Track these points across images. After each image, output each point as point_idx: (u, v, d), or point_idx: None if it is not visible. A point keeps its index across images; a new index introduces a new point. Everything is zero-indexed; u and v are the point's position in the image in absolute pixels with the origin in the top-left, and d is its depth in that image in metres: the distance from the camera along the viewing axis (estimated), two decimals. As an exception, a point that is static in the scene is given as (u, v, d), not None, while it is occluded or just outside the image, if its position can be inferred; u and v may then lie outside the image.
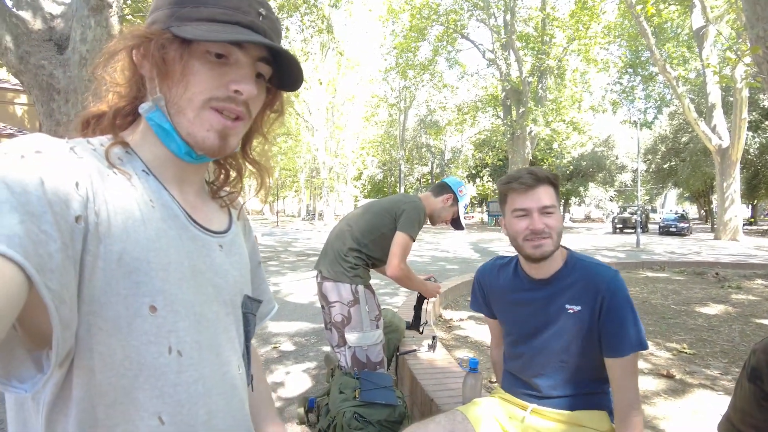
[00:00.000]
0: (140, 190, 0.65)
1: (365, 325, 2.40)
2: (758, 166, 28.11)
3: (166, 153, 0.71)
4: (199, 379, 0.67)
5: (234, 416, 0.74)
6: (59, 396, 0.58)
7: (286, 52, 0.69)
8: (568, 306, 1.56)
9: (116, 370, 0.59)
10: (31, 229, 0.48)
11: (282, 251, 14.73)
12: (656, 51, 18.88)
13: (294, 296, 7.18)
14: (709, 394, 3.12)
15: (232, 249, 0.80)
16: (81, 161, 0.59)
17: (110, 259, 0.58)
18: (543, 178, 1.57)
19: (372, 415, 1.86)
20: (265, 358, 4.24)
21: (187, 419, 0.65)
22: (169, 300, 0.63)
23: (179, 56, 0.66)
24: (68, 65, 4.78)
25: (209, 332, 0.70)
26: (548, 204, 1.55)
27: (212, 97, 0.68)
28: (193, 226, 0.72)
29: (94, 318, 0.57)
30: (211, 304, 0.72)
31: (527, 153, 24.47)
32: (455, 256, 13.99)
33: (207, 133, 0.69)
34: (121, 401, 0.60)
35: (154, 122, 0.69)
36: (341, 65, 37.24)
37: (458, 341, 4.32)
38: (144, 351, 0.61)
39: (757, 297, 6.22)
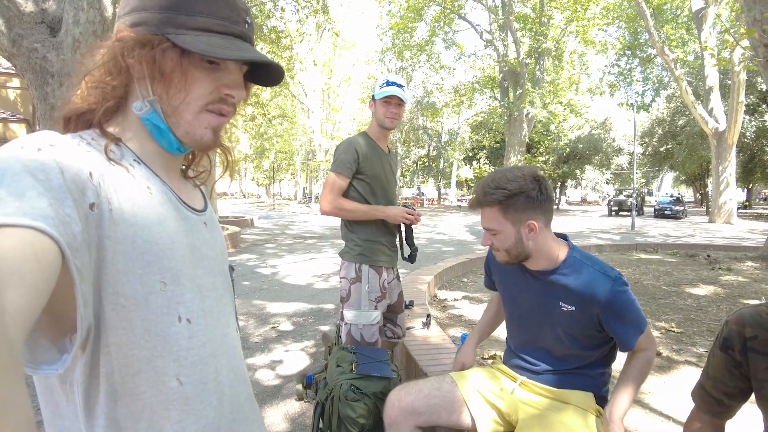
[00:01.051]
0: (138, 179, 0.71)
1: (363, 304, 2.43)
2: (754, 150, 28.17)
3: (155, 147, 0.77)
4: (207, 342, 0.75)
5: (235, 372, 0.83)
6: (91, 375, 0.64)
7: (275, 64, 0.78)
8: (563, 304, 1.62)
9: (137, 342, 0.66)
10: (59, 212, 0.53)
11: (279, 234, 14.80)
12: (655, 33, 18.78)
13: (291, 278, 7.26)
14: (694, 371, 3.22)
15: (213, 225, 0.88)
16: (89, 154, 0.65)
17: (126, 242, 0.64)
18: (486, 201, 1.59)
19: (368, 387, 1.93)
20: (264, 337, 4.32)
21: (200, 378, 0.73)
22: (176, 275, 0.70)
23: (179, 64, 0.71)
24: (61, 48, 4.75)
25: (210, 300, 0.78)
26: (488, 227, 1.62)
27: (208, 101, 0.75)
28: (184, 207, 0.79)
29: (117, 297, 0.63)
30: (208, 276, 0.79)
31: (524, 135, 24.42)
32: (451, 238, 14.10)
33: (204, 131, 0.76)
34: (144, 369, 0.67)
35: (149, 122, 0.74)
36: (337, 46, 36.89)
37: (452, 320, 4.41)
38: (159, 322, 0.68)
39: (746, 278, 6.33)
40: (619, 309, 1.55)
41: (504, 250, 1.62)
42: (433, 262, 8.02)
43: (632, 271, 6.95)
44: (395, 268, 2.65)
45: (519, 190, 1.55)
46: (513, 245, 1.60)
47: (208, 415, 0.74)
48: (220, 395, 0.77)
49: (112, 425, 0.65)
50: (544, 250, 1.63)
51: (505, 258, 1.65)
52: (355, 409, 1.87)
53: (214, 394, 0.76)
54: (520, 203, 1.56)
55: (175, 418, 0.70)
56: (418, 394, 1.74)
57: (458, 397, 1.74)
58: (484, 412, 1.74)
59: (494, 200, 1.57)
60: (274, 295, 6.10)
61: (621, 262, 7.85)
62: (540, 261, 1.65)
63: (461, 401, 1.74)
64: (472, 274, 6.95)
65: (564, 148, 36.85)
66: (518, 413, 1.72)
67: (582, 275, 1.59)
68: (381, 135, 2.58)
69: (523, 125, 24.07)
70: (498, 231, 1.60)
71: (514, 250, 1.61)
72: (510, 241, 1.60)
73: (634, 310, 1.57)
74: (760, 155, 28.12)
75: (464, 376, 1.82)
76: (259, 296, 5.99)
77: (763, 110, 26.23)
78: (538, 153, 35.84)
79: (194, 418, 0.72)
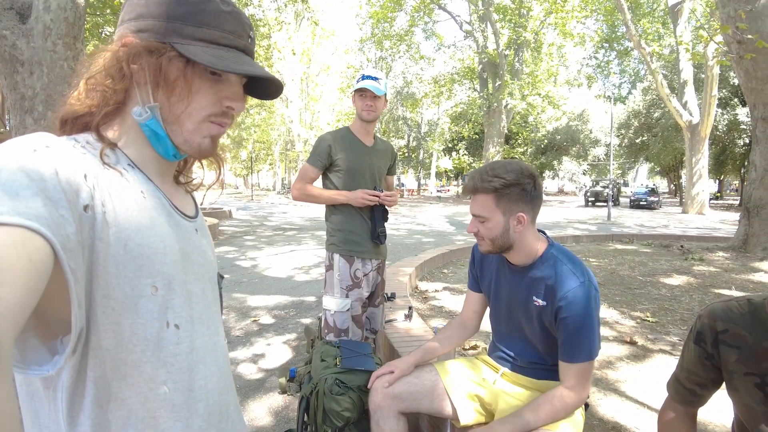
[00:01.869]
0: (132, 183, 0.71)
1: (335, 291, 2.55)
2: (726, 143, 28.79)
3: (150, 153, 0.77)
4: (194, 349, 0.75)
5: (224, 380, 0.83)
6: (78, 379, 0.63)
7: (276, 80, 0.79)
8: (535, 298, 1.65)
9: (125, 346, 0.65)
10: (53, 213, 0.53)
11: (258, 225, 14.70)
12: (632, 26, 19.02)
13: (272, 270, 7.23)
14: (668, 359, 3.31)
15: (204, 231, 0.88)
16: (84, 157, 0.65)
17: (119, 245, 0.64)
18: (482, 188, 1.61)
19: (352, 381, 1.95)
20: (245, 331, 4.31)
21: (187, 385, 0.73)
22: (167, 280, 0.70)
23: (183, 73, 0.72)
24: (32, 35, 4.61)
25: (199, 307, 0.78)
26: (478, 214, 1.64)
27: (211, 113, 0.76)
28: (176, 213, 0.80)
29: (107, 300, 0.63)
30: (198, 283, 0.79)
31: (503, 126, 24.61)
32: (431, 229, 14.16)
33: (203, 139, 0.77)
34: (131, 374, 0.66)
35: (149, 129, 0.74)
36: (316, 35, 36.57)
37: (434, 311, 4.46)
38: (149, 327, 0.68)
39: (717, 268, 6.51)
40: (577, 313, 1.54)
41: (489, 239, 1.64)
42: (413, 253, 8.06)
43: (608, 262, 7.09)
44: (375, 260, 2.67)
45: (515, 182, 1.58)
46: (499, 235, 1.62)
47: (195, 423, 0.74)
48: (207, 403, 0.77)
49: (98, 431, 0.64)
50: (525, 244, 1.66)
51: (488, 247, 1.67)
52: (340, 402, 1.89)
53: (201, 402, 0.76)
54: (514, 194, 1.59)
55: (162, 425, 0.69)
56: (400, 381, 1.79)
57: (440, 386, 1.78)
58: (466, 401, 1.78)
59: (490, 187, 1.59)
60: (255, 288, 6.07)
61: (597, 253, 7.99)
62: (520, 254, 1.68)
63: (442, 390, 1.78)
64: (452, 266, 7.01)
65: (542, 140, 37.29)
66: (499, 403, 1.77)
67: (555, 271, 1.62)
68: (362, 129, 2.63)
69: (502, 116, 24.25)
70: (487, 219, 1.62)
71: (499, 240, 1.63)
72: (497, 231, 1.62)
73: (592, 323, 1.55)
74: (731, 148, 28.77)
75: (446, 367, 1.86)
76: (239, 289, 5.96)
77: (734, 104, 26.81)
78: (517, 144, 36.14)
79: (181, 426, 0.72)
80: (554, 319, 1.59)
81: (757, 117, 7.51)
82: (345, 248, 2.57)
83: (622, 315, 4.34)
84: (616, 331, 3.90)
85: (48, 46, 4.76)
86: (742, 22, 6.82)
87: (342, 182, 2.57)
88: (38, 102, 4.78)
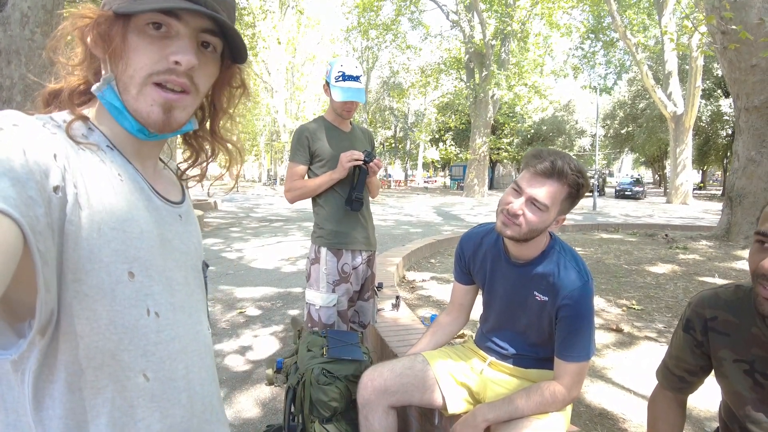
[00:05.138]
0: (108, 164, 0.68)
1: (321, 285, 2.46)
2: (709, 134, 29.18)
3: (122, 131, 0.73)
4: (176, 337, 0.72)
5: (207, 371, 0.80)
6: (44, 363, 0.60)
7: (224, 20, 0.69)
8: (537, 293, 1.63)
9: (102, 334, 0.62)
10: (21, 193, 0.50)
11: (244, 217, 14.59)
12: (617, 17, 19.11)
13: (258, 262, 7.18)
14: (654, 345, 3.34)
15: (189, 218, 0.85)
16: (55, 136, 0.61)
17: (92, 228, 0.61)
18: (558, 175, 1.48)
19: (339, 371, 1.93)
20: (231, 323, 4.27)
21: (168, 374, 0.71)
22: (144, 266, 0.67)
23: (121, 33, 0.67)
24: (8, 23, 4.49)
25: (181, 295, 0.75)
26: (539, 199, 1.48)
27: (153, 71, 0.68)
28: (157, 197, 0.76)
29: (79, 285, 0.60)
30: (179, 270, 0.76)
31: (489, 117, 24.65)
32: (418, 220, 14.18)
33: (151, 107, 0.69)
34: (108, 363, 0.64)
35: (106, 101, 0.70)
36: (301, 24, 36.21)
37: (421, 300, 4.45)
38: (126, 314, 0.65)
39: (701, 257, 6.58)
40: (580, 313, 1.53)
41: (528, 227, 1.51)
42: (401, 243, 8.06)
43: (594, 251, 7.14)
44: (365, 252, 2.62)
45: (585, 185, 1.53)
46: (540, 228, 1.53)
47: (176, 413, 0.72)
48: (190, 393, 0.75)
49: (70, 416, 0.62)
50: (538, 239, 1.61)
51: (515, 233, 1.53)
52: (327, 392, 1.87)
53: (184, 392, 0.73)
54: (577, 197, 1.54)
55: (140, 414, 0.67)
56: (390, 374, 1.76)
57: (430, 376, 1.76)
58: (455, 390, 1.77)
59: (572, 182, 1.49)
60: (241, 279, 6.02)
61: (584, 242, 8.05)
62: (530, 248, 1.63)
63: (433, 380, 1.76)
64: (439, 255, 7.01)
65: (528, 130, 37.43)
66: (486, 392, 1.76)
67: (559, 267, 1.60)
68: (338, 116, 2.56)
69: (488, 107, 24.27)
70: (546, 209, 1.49)
71: (535, 232, 1.53)
72: (543, 224, 1.52)
73: (591, 324, 1.55)
74: (715, 138, 29.17)
75: (436, 356, 1.84)
76: (225, 281, 5.91)
77: (718, 95, 27.15)
78: (503, 134, 36.23)
79: (159, 416, 0.69)
80: (555, 315, 1.58)
81: (740, 107, 7.58)
82: (333, 241, 2.49)
83: (608, 303, 4.37)
84: (602, 319, 3.92)
85: (26, 35, 4.64)
86: (726, 12, 6.86)
87: (326, 171, 2.49)
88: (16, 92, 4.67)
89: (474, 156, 25.56)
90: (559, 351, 1.58)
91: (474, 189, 26.27)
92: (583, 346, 1.54)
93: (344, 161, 2.39)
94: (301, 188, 2.50)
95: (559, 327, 1.58)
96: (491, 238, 1.80)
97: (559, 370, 1.58)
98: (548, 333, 1.66)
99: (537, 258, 1.65)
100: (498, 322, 1.80)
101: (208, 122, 0.86)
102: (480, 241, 1.83)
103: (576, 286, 1.54)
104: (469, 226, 12.44)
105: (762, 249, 1.05)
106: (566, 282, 1.56)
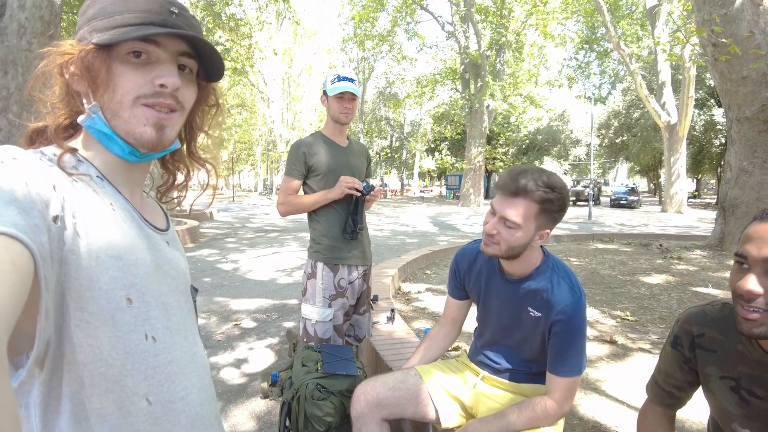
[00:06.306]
0: (101, 194, 0.71)
1: (317, 300, 2.46)
2: (703, 143, 29.40)
3: (113, 158, 0.76)
4: (173, 360, 0.75)
5: (206, 391, 0.83)
6: (50, 395, 0.62)
7: (201, 39, 0.75)
8: (530, 309, 1.64)
9: (105, 360, 0.65)
10: (28, 221, 0.53)
11: (240, 227, 14.57)
12: (611, 28, 19.29)
13: (253, 273, 7.17)
14: (647, 357, 3.36)
15: (175, 244, 0.88)
16: (52, 168, 0.65)
17: (91, 257, 0.63)
18: (531, 194, 1.48)
19: (334, 386, 1.94)
20: (227, 335, 4.27)
21: (168, 397, 0.73)
22: (141, 292, 0.70)
23: (104, 64, 0.71)
24: (6, 34, 4.53)
25: (176, 319, 0.78)
26: (509, 218, 1.50)
27: (140, 94, 0.72)
28: (146, 225, 0.79)
29: (81, 313, 0.62)
30: (172, 294, 0.79)
31: (485, 127, 24.76)
32: (414, 230, 14.19)
33: (144, 128, 0.73)
34: (112, 389, 0.66)
35: (94, 129, 0.73)
36: (297, 34, 36.40)
37: (417, 312, 4.46)
38: (127, 340, 0.67)
39: (695, 267, 6.62)
40: (573, 329, 1.55)
41: (506, 245, 1.53)
42: (397, 254, 8.06)
43: (589, 261, 7.17)
44: (362, 267, 2.62)
45: (562, 198, 1.51)
46: (521, 245, 1.53)
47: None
48: (189, 415, 0.77)
49: None
50: (530, 256, 1.63)
51: (496, 251, 1.57)
52: (321, 407, 1.87)
53: (183, 413, 0.75)
54: (554, 210, 1.52)
55: None
56: (383, 387, 1.77)
57: (423, 390, 1.77)
58: (448, 405, 1.78)
59: (539, 197, 1.47)
60: (236, 291, 6.01)
61: (578, 252, 8.07)
62: (522, 265, 1.64)
63: (426, 394, 1.77)
64: (435, 266, 7.03)
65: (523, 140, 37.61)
66: (479, 406, 1.77)
67: (552, 283, 1.61)
68: (336, 130, 2.57)
69: (483, 117, 24.39)
70: (519, 227, 1.50)
71: (517, 249, 1.55)
72: (521, 240, 1.52)
73: (582, 340, 1.56)
74: (708, 147, 29.38)
75: (429, 370, 1.85)
76: (220, 293, 5.90)
77: (711, 105, 27.38)
78: (499, 144, 36.37)
79: None
80: (548, 331, 1.60)
81: (732, 118, 7.65)
82: (329, 256, 2.49)
83: (602, 314, 4.39)
84: (596, 330, 3.94)
85: (23, 45, 4.67)
86: (716, 26, 6.95)
87: (322, 186, 2.50)
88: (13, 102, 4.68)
89: (470, 166, 25.68)
90: (551, 366, 1.60)
91: (470, 198, 26.35)
92: (575, 361, 1.56)
93: (343, 185, 2.41)
94: (295, 204, 2.52)
95: (551, 342, 1.60)
96: (486, 255, 1.81)
97: (550, 384, 1.59)
98: (541, 348, 1.67)
99: (530, 274, 1.66)
100: (492, 338, 1.82)
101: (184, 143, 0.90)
102: (475, 257, 1.85)
103: (569, 302, 1.56)
104: (465, 235, 12.46)
105: (741, 269, 1.08)
106: (559, 298, 1.58)
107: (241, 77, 23.89)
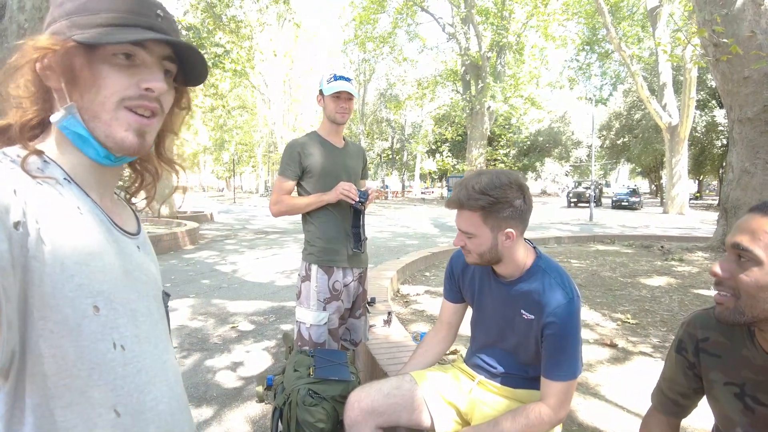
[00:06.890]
0: (67, 198, 0.67)
1: (311, 303, 2.42)
2: (704, 144, 29.34)
3: (85, 161, 0.72)
4: (142, 369, 0.71)
5: (177, 400, 0.79)
6: (14, 407, 0.59)
7: (190, 47, 0.73)
8: (523, 312, 1.61)
9: (70, 371, 0.61)
10: None
11: (240, 229, 14.55)
12: (612, 29, 19.24)
13: (252, 275, 7.14)
14: (648, 361, 3.31)
15: (147, 248, 0.85)
16: (13, 171, 0.61)
17: (55, 264, 0.60)
18: (469, 205, 1.52)
19: (326, 391, 1.90)
20: (224, 338, 4.23)
21: (137, 407, 0.70)
22: (109, 299, 0.67)
23: (86, 63, 0.68)
24: (5, 36, 4.50)
25: (145, 326, 0.75)
26: (462, 229, 1.57)
27: (124, 97, 0.70)
28: (116, 230, 0.76)
29: (45, 322, 0.59)
30: (142, 301, 0.76)
31: (486, 128, 24.72)
32: (415, 232, 14.16)
33: (125, 133, 0.71)
34: (77, 401, 0.62)
35: (69, 130, 0.70)
36: (298, 36, 36.44)
37: (415, 315, 4.42)
38: (94, 349, 0.64)
39: (696, 269, 6.57)
40: (566, 331, 1.52)
41: (477, 254, 1.58)
42: (396, 256, 8.03)
43: (590, 263, 7.12)
44: (357, 269, 2.58)
45: (504, 199, 1.50)
46: (487, 250, 1.56)
47: None
48: (159, 425, 0.73)
49: None
50: (514, 257, 1.61)
51: (475, 260, 1.62)
52: (313, 414, 1.83)
53: (153, 424, 0.72)
54: (502, 211, 1.51)
55: None
56: (378, 394, 1.73)
57: (418, 397, 1.73)
58: (443, 410, 1.74)
59: (477, 206, 1.51)
60: (234, 293, 5.98)
61: (579, 254, 8.03)
62: (509, 267, 1.63)
63: (421, 400, 1.73)
64: (434, 268, 6.99)
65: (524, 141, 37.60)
66: (475, 412, 1.73)
67: (544, 285, 1.58)
68: (332, 130, 2.53)
69: (484, 118, 24.34)
70: (474, 235, 1.55)
71: (488, 255, 1.57)
72: (485, 246, 1.56)
73: (577, 342, 1.53)
74: (710, 148, 29.32)
75: (424, 376, 1.81)
76: (218, 295, 5.86)
77: (712, 106, 27.33)
78: (500, 146, 36.35)
79: None
80: (541, 333, 1.56)
81: (733, 119, 7.61)
82: (324, 258, 2.45)
83: (603, 317, 4.34)
84: (597, 333, 3.90)
85: (21, 47, 4.65)
86: (718, 26, 6.91)
87: (317, 187, 2.46)
88: (9, 104, 4.68)
89: (471, 167, 25.61)
90: (544, 370, 1.56)
91: (471, 200, 26.23)
92: (569, 365, 1.52)
93: (340, 191, 2.38)
94: (289, 205, 2.48)
95: (544, 345, 1.56)
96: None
97: (545, 390, 1.55)
98: (537, 352, 1.63)
99: (522, 276, 1.63)
100: (487, 340, 1.78)
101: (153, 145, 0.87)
102: None
103: (560, 303, 1.52)
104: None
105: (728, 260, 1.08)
106: (551, 299, 1.54)
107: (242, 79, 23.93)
